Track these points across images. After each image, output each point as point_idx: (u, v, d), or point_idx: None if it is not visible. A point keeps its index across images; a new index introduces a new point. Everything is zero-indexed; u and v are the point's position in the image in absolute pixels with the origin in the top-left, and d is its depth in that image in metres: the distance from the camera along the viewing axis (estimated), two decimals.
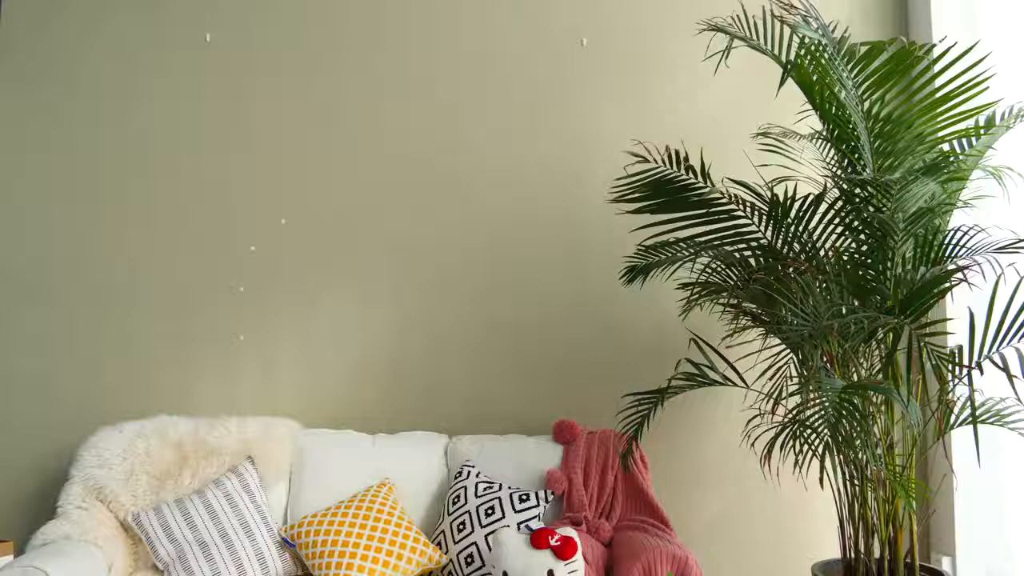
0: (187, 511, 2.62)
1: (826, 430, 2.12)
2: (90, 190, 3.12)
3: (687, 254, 2.67)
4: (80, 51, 3.16)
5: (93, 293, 3.09)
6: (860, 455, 2.37)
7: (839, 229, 2.54)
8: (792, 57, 2.42)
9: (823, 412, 2.14)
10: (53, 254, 3.10)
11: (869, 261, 2.48)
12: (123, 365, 3.08)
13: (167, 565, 2.51)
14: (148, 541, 2.56)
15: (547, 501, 2.79)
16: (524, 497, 2.77)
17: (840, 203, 2.49)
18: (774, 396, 2.35)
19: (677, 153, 2.69)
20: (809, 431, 2.17)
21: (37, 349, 3.06)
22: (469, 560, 2.65)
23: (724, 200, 2.67)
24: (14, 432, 3.02)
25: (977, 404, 2.24)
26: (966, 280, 2.22)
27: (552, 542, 2.35)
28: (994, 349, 2.25)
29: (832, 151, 2.62)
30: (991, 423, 2.39)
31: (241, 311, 3.11)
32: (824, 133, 2.60)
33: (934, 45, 2.43)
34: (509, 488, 2.80)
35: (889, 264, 2.41)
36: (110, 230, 3.11)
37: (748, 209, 2.66)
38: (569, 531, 2.42)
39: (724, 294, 2.62)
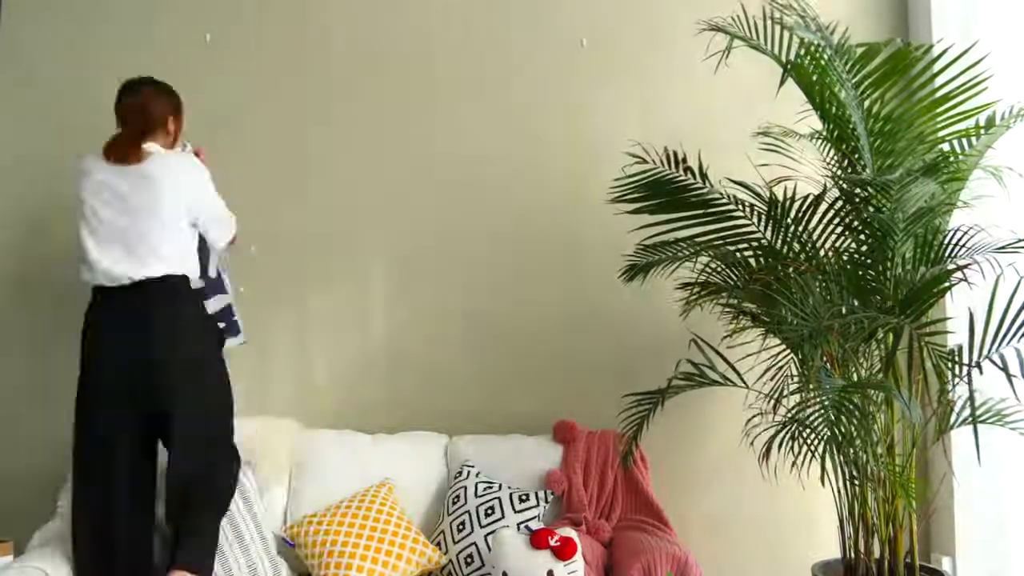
0: None
1: (826, 429, 2.12)
2: None
3: (687, 254, 2.67)
4: (80, 51, 3.15)
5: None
6: (860, 455, 2.37)
7: (839, 229, 2.54)
8: (792, 57, 2.42)
9: (823, 412, 2.14)
10: (54, 254, 3.09)
11: (869, 261, 2.48)
12: None
13: (157, 570, 2.49)
14: None
15: (547, 501, 2.79)
16: (524, 497, 2.77)
17: (840, 203, 2.49)
18: (774, 396, 2.35)
19: (676, 154, 2.68)
20: (809, 431, 2.17)
21: (37, 349, 3.06)
22: (469, 560, 2.65)
23: (723, 200, 2.67)
24: (14, 432, 3.02)
25: (977, 404, 2.24)
26: (966, 280, 2.22)
27: (552, 542, 2.35)
28: (994, 349, 2.25)
29: (832, 151, 2.62)
30: (991, 423, 2.39)
31: (242, 311, 3.10)
32: (824, 133, 2.60)
33: (932, 45, 2.43)
34: (509, 488, 2.80)
35: (889, 264, 2.41)
36: None
37: (747, 209, 2.66)
38: (569, 531, 2.42)
39: (724, 294, 2.62)
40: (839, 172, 2.57)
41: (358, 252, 3.19)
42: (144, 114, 2.50)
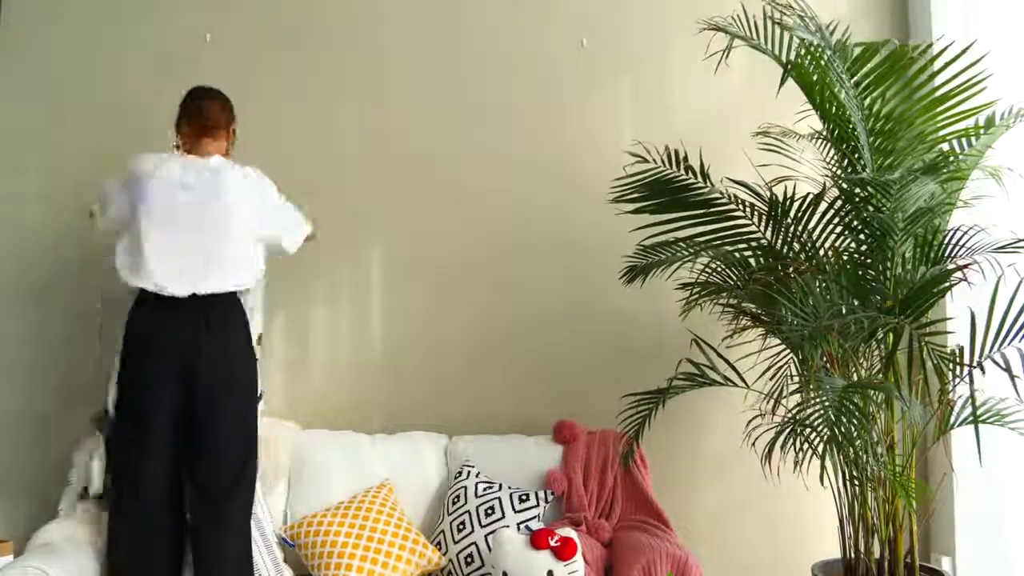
0: None
1: (826, 430, 2.12)
2: (90, 191, 3.11)
3: (687, 254, 2.67)
4: (80, 51, 3.15)
5: (95, 293, 3.08)
6: (861, 455, 2.37)
7: (839, 229, 2.54)
8: (792, 57, 2.42)
9: (824, 412, 2.14)
10: (54, 252, 3.09)
11: (869, 261, 2.48)
12: None
13: None
14: None
15: (547, 501, 2.79)
16: (524, 497, 2.77)
17: (840, 203, 2.49)
18: (774, 396, 2.35)
19: (677, 153, 2.68)
20: (809, 430, 2.17)
21: (39, 348, 3.06)
22: (469, 560, 2.65)
23: (724, 200, 2.67)
24: (15, 432, 3.02)
25: (978, 404, 2.24)
26: (966, 280, 2.22)
27: (552, 543, 2.35)
28: (995, 349, 2.25)
29: (832, 151, 2.62)
30: (992, 423, 2.39)
31: None
32: (824, 133, 2.60)
33: (931, 44, 2.43)
34: (509, 488, 2.80)
35: (889, 264, 2.41)
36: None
37: (748, 209, 2.66)
38: (569, 532, 2.42)
39: (724, 294, 2.62)
40: (839, 172, 2.57)
41: (357, 252, 3.19)
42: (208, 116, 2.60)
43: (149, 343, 2.40)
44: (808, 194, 2.57)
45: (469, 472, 2.85)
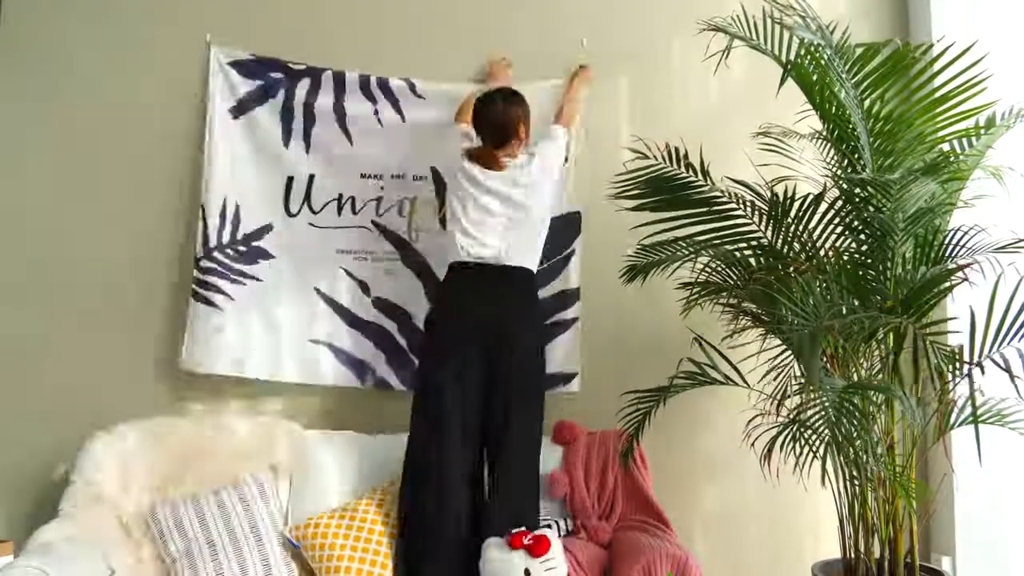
0: (201, 510, 2.60)
1: (826, 430, 2.12)
2: (91, 190, 3.12)
3: (687, 253, 2.66)
4: (80, 51, 3.15)
5: (94, 293, 3.08)
6: (861, 455, 2.37)
7: (839, 229, 2.53)
8: (792, 57, 2.42)
9: (823, 412, 2.13)
10: (53, 253, 3.09)
11: (869, 261, 2.47)
12: (125, 365, 3.07)
13: (174, 560, 2.51)
14: (160, 534, 2.55)
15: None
16: None
17: (840, 203, 2.49)
18: (776, 396, 2.35)
19: (677, 150, 2.68)
20: (809, 431, 2.16)
21: (38, 348, 3.06)
22: None
23: (724, 199, 2.67)
24: (15, 431, 3.02)
25: (978, 404, 2.24)
26: (966, 279, 2.22)
27: (525, 541, 2.40)
28: (995, 348, 2.25)
29: (832, 151, 2.62)
30: (992, 423, 2.39)
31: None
32: (824, 133, 2.60)
33: (932, 45, 2.43)
34: None
35: (889, 264, 2.40)
36: (111, 229, 3.11)
37: (748, 208, 2.66)
38: (544, 531, 2.46)
39: (724, 294, 2.62)
40: (839, 172, 2.57)
41: None
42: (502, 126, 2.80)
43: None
44: (808, 194, 2.57)
45: None
